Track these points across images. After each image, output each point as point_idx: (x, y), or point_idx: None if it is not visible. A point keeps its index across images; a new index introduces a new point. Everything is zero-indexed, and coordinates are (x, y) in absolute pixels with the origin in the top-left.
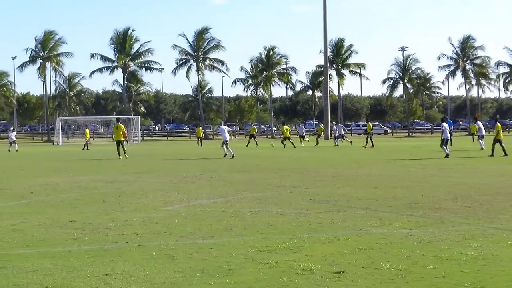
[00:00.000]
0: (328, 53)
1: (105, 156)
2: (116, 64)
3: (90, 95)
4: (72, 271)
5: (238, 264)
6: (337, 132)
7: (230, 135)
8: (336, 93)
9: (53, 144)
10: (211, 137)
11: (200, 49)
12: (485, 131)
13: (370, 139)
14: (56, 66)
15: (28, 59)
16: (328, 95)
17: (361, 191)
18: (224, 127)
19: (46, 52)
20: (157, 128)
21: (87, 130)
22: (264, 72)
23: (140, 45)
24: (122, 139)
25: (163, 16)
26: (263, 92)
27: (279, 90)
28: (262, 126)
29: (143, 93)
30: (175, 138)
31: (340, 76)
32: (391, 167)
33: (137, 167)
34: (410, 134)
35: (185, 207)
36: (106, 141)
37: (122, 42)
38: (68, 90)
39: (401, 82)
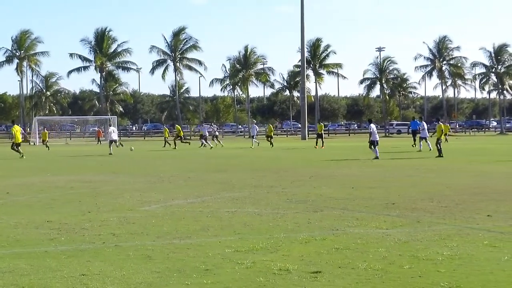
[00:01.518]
0: (306, 53)
1: (80, 156)
2: (93, 64)
3: (67, 95)
4: (48, 272)
5: (215, 264)
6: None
7: (212, 133)
8: (314, 93)
9: (29, 144)
10: (189, 137)
11: (177, 49)
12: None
13: (322, 140)
14: (32, 65)
15: (4, 59)
16: (305, 95)
17: (338, 191)
18: (205, 125)
19: (22, 51)
20: (134, 128)
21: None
22: (242, 72)
23: (118, 45)
24: (20, 141)
25: (141, 16)
26: (241, 92)
27: (256, 90)
28: (240, 126)
29: (120, 93)
30: (152, 138)
31: (318, 76)
32: (368, 167)
33: (114, 167)
34: (387, 134)
35: (162, 207)
36: (83, 141)
37: (100, 42)
38: (45, 90)
39: (378, 82)
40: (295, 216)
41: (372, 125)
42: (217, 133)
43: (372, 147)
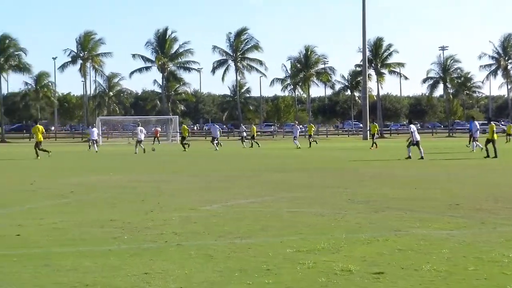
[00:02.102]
0: (367, 53)
1: (144, 156)
2: (155, 64)
3: (130, 95)
4: (111, 270)
5: (276, 264)
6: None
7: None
8: (375, 93)
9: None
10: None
11: (238, 49)
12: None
13: (373, 140)
14: (96, 66)
15: (69, 60)
16: (367, 95)
17: (400, 192)
18: (216, 126)
19: (86, 52)
20: (195, 128)
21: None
22: (303, 72)
23: (179, 46)
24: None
25: (201, 17)
26: (301, 92)
27: (317, 90)
28: (300, 126)
29: (182, 93)
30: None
31: (379, 75)
32: (429, 167)
33: (175, 167)
34: (451, 135)
35: (223, 206)
36: (145, 141)
37: (161, 42)
38: (107, 90)
39: (441, 81)
40: (356, 216)
41: (412, 126)
42: (244, 133)
43: (409, 146)
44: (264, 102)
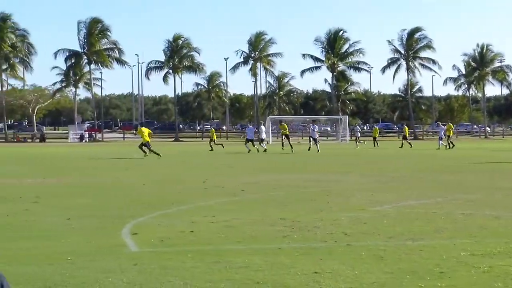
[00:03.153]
0: None
1: (309, 155)
2: (325, 64)
3: (299, 95)
4: (282, 268)
5: (449, 267)
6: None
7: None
8: None
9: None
10: (421, 137)
11: (410, 48)
12: None
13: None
14: (266, 66)
15: (241, 60)
16: None
17: None
18: (262, 127)
19: (256, 52)
20: (365, 127)
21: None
22: (477, 70)
23: (349, 45)
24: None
25: (372, 16)
26: (476, 91)
27: (493, 89)
28: (475, 126)
29: (352, 93)
30: (383, 138)
31: None
32: None
33: (343, 167)
34: None
35: (394, 207)
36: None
37: (332, 42)
38: (277, 90)
39: None
40: None
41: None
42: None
43: None
44: (436, 102)
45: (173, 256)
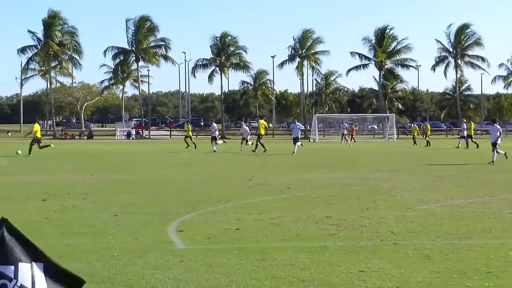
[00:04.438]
0: None
1: (358, 154)
2: (372, 62)
3: (346, 93)
4: (327, 266)
5: (497, 267)
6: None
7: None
8: None
9: (309, 140)
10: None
11: (459, 46)
12: None
13: (466, 140)
14: (313, 64)
15: (287, 58)
16: None
17: None
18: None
19: (303, 50)
20: (412, 125)
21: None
22: None
23: (397, 43)
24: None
25: (418, 13)
26: None
27: None
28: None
29: (399, 91)
30: (432, 136)
31: None
32: None
33: (390, 165)
34: None
35: (441, 206)
36: (361, 139)
37: (380, 40)
38: (324, 88)
39: None
40: None
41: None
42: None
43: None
44: (485, 100)
45: (219, 253)
